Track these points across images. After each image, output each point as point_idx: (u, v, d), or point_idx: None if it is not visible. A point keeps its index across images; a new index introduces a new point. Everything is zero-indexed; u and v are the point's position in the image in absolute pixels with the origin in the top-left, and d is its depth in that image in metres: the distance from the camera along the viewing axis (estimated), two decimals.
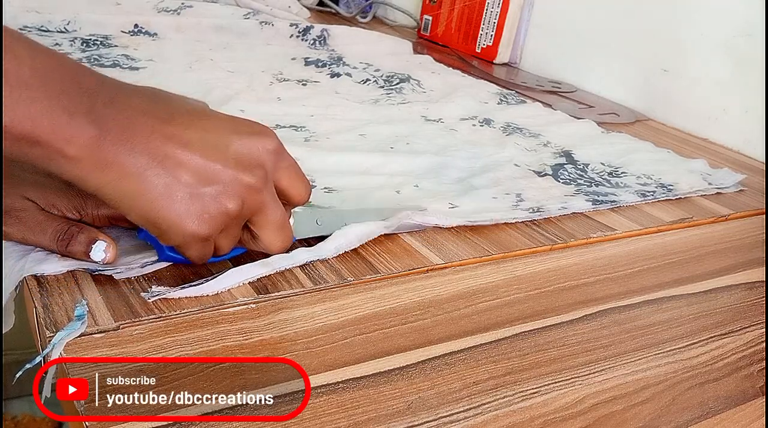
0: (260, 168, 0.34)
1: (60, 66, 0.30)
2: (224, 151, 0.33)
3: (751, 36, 0.75)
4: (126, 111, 0.31)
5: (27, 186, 0.37)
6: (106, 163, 0.31)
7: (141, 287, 0.36)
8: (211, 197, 0.33)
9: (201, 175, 0.33)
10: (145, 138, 0.31)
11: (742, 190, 0.63)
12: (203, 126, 0.33)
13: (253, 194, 0.34)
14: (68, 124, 0.29)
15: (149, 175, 0.31)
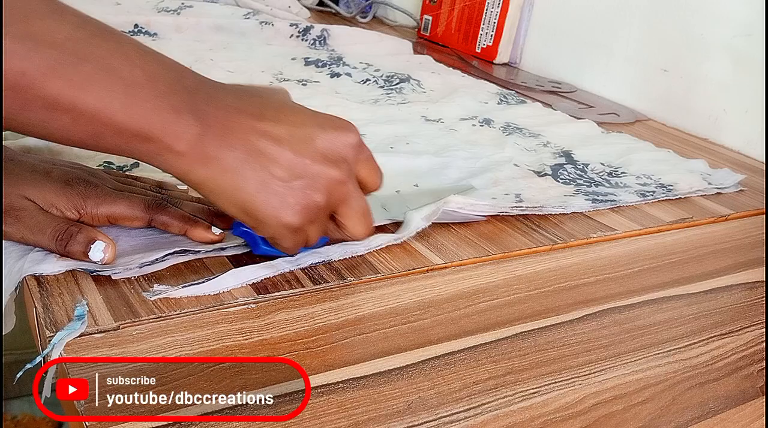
0: (344, 161, 0.36)
1: (165, 67, 0.32)
2: (312, 146, 0.35)
3: (751, 36, 0.75)
4: (223, 109, 0.34)
5: (26, 185, 0.37)
6: (208, 158, 0.33)
7: (141, 287, 0.36)
8: (301, 190, 0.35)
9: (292, 169, 0.35)
10: (242, 134, 0.34)
11: (742, 190, 0.63)
12: (291, 121, 0.35)
13: (338, 186, 0.36)
14: (176, 121, 0.31)
15: (246, 169, 0.34)
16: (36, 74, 0.28)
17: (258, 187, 0.34)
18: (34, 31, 0.28)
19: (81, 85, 0.29)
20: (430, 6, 1.13)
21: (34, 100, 0.29)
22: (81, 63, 0.29)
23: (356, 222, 0.39)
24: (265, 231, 0.36)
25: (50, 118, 0.29)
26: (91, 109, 0.29)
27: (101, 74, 0.30)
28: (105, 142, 0.31)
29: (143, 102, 0.31)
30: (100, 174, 0.41)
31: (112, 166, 0.49)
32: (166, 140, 0.31)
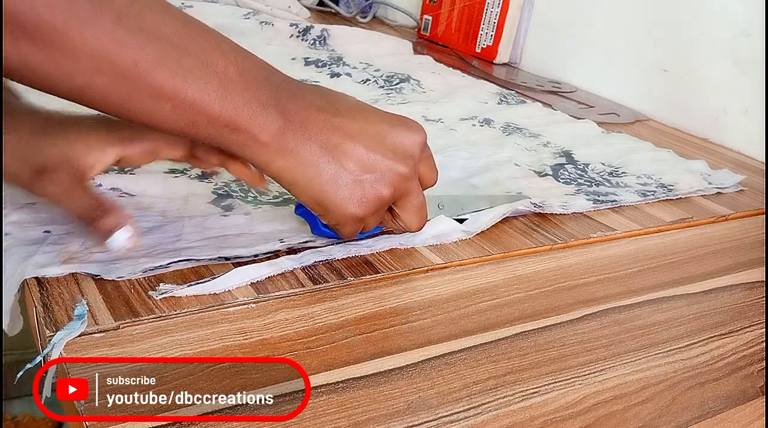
0: (411, 158, 0.39)
1: (255, 64, 0.35)
2: (382, 143, 0.38)
3: (751, 36, 0.75)
4: (304, 105, 0.36)
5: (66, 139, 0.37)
6: (288, 150, 0.35)
7: (141, 287, 0.36)
8: (369, 183, 0.37)
9: (363, 164, 0.37)
10: (319, 129, 0.36)
11: (742, 190, 0.63)
12: (364, 118, 0.38)
13: (403, 181, 0.39)
14: (262, 114, 0.34)
15: (321, 162, 0.36)
16: (146, 65, 0.30)
17: (330, 179, 0.36)
18: (147, 24, 0.30)
19: (183, 77, 0.32)
20: (430, 6, 1.13)
21: (141, 89, 0.31)
22: (184, 56, 0.32)
23: (413, 216, 0.41)
24: (330, 219, 0.38)
25: (153, 106, 0.32)
26: (190, 99, 0.32)
27: (200, 67, 0.32)
28: (199, 130, 0.33)
29: (234, 95, 0.33)
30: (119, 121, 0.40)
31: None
32: (252, 131, 0.34)
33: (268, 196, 0.48)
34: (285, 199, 0.48)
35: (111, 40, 0.29)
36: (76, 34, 0.28)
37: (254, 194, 0.48)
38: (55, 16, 0.28)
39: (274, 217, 0.44)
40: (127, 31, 0.30)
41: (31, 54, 0.28)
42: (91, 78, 0.30)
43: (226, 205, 0.45)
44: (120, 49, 0.29)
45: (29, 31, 0.28)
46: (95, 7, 0.29)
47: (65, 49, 0.29)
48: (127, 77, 0.30)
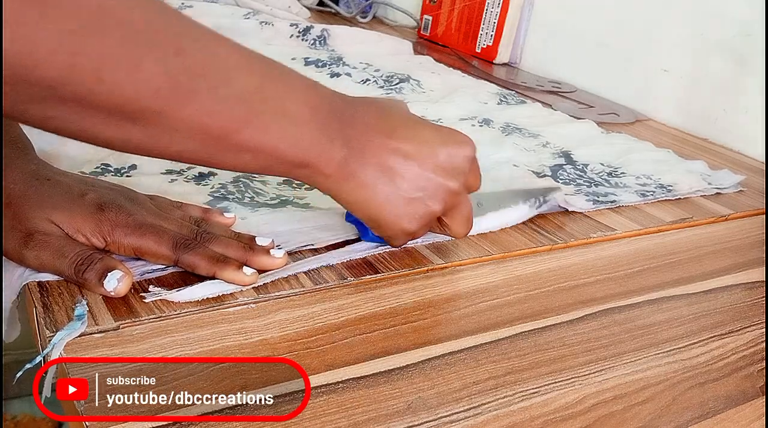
0: (461, 174, 0.40)
1: (321, 97, 0.37)
2: (434, 161, 0.39)
3: (751, 36, 0.75)
4: (363, 130, 0.38)
5: (54, 209, 0.36)
6: (348, 175, 0.37)
7: (142, 287, 0.36)
8: (421, 201, 0.39)
9: (416, 183, 0.39)
10: (376, 152, 0.38)
11: (742, 190, 0.63)
12: (418, 138, 0.39)
13: (453, 196, 0.40)
14: (329, 149, 0.36)
15: (378, 183, 0.38)
16: (233, 127, 0.33)
17: (385, 199, 0.38)
18: (234, 90, 0.32)
19: (263, 130, 0.34)
20: (430, 6, 1.13)
21: (227, 147, 0.33)
22: (263, 112, 0.34)
23: (461, 225, 0.43)
24: (383, 233, 0.41)
25: (235, 158, 0.34)
26: (268, 148, 0.34)
27: (278, 118, 0.34)
28: (271, 170, 0.36)
29: (307, 136, 0.35)
30: (139, 199, 0.39)
31: (110, 167, 0.49)
32: (320, 166, 0.36)
33: (266, 197, 0.48)
34: (282, 200, 0.48)
35: (205, 112, 0.31)
36: (176, 114, 0.30)
37: (251, 195, 0.48)
38: (159, 101, 0.30)
39: (271, 220, 0.44)
40: (218, 101, 0.32)
41: (133, 133, 0.30)
42: (184, 145, 0.32)
43: (222, 207, 0.45)
44: (211, 118, 0.32)
45: (133, 115, 0.29)
46: (192, 84, 0.30)
47: (165, 126, 0.31)
48: (216, 139, 0.32)
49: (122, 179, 0.47)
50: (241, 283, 0.37)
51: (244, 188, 0.48)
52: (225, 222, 0.42)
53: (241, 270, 0.37)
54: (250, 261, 0.38)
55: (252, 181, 0.50)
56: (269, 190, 0.49)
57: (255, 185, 0.49)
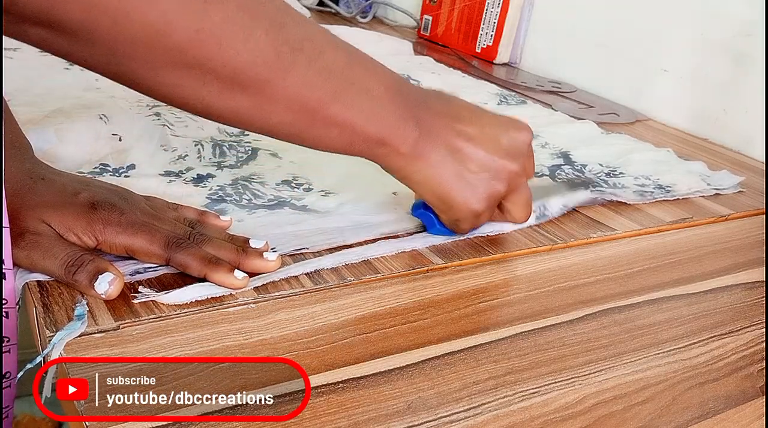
0: (521, 156, 0.43)
1: (396, 80, 0.39)
2: (497, 144, 0.42)
3: (751, 36, 0.75)
4: (431, 114, 0.41)
5: (46, 208, 0.36)
6: (419, 155, 0.40)
7: (134, 289, 0.36)
8: (487, 181, 0.42)
9: (481, 164, 0.41)
10: (444, 135, 0.41)
11: (742, 190, 0.63)
12: (481, 122, 0.42)
13: (515, 178, 0.43)
14: (404, 128, 0.39)
15: (447, 164, 0.41)
16: (326, 100, 0.35)
17: (454, 179, 0.41)
18: (326, 63, 0.35)
19: (350, 106, 0.37)
20: (430, 6, 1.13)
21: (318, 120, 0.36)
22: (350, 87, 0.36)
23: (521, 209, 0.45)
24: (453, 215, 0.43)
25: (324, 133, 0.37)
26: (352, 123, 0.37)
27: (361, 95, 0.37)
28: (354, 147, 0.38)
29: (385, 115, 0.38)
30: (133, 199, 0.39)
31: (108, 167, 0.49)
32: (396, 144, 0.39)
33: (263, 198, 0.48)
34: (280, 201, 0.48)
35: (303, 83, 0.34)
36: (280, 82, 0.34)
37: (249, 197, 0.48)
38: (266, 69, 0.33)
39: (268, 223, 0.44)
40: (315, 73, 0.35)
41: (242, 102, 0.33)
42: (283, 116, 0.35)
43: (219, 210, 0.45)
44: (309, 89, 0.35)
45: (244, 84, 0.33)
46: (293, 55, 0.33)
47: (269, 95, 0.34)
48: (310, 112, 0.35)
49: (120, 179, 0.47)
50: (231, 287, 0.36)
51: (242, 190, 0.48)
52: (221, 225, 0.42)
53: (233, 273, 0.36)
54: (243, 264, 0.38)
55: (250, 183, 0.50)
56: (267, 191, 0.49)
57: (253, 187, 0.49)
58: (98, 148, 0.51)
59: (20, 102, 0.57)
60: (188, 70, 0.31)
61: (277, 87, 0.34)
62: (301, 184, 0.51)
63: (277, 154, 0.56)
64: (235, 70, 0.32)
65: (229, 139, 0.57)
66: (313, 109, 0.35)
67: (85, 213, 0.36)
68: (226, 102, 0.33)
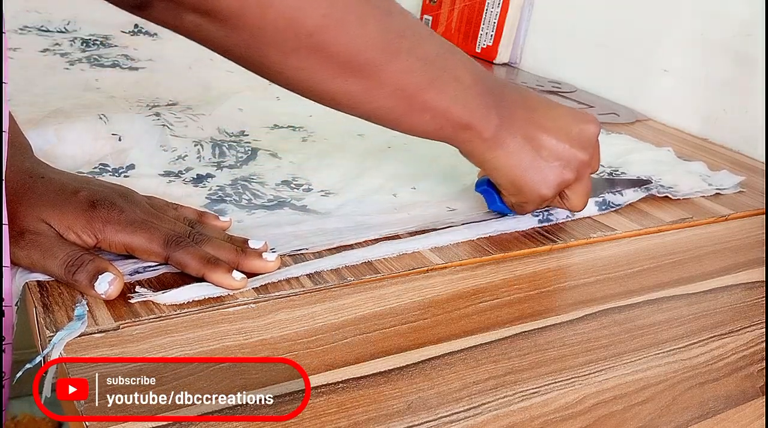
0: (590, 147, 0.46)
1: (479, 71, 0.42)
2: (569, 134, 0.45)
3: (751, 36, 0.75)
4: (510, 104, 0.43)
5: (46, 206, 0.36)
6: (499, 143, 0.43)
7: (150, 287, 0.36)
8: (558, 168, 0.45)
9: (554, 152, 0.44)
10: (521, 124, 0.43)
11: (742, 190, 0.63)
12: (554, 115, 0.45)
13: (583, 168, 0.46)
14: (487, 116, 0.42)
15: (522, 152, 0.43)
16: (423, 86, 0.38)
17: (528, 165, 0.44)
18: (423, 52, 0.38)
19: (443, 93, 0.40)
20: (430, 6, 1.13)
21: (415, 106, 0.39)
22: (444, 75, 0.39)
23: (581, 197, 0.48)
24: (521, 198, 0.45)
25: (419, 118, 0.40)
26: (445, 109, 0.40)
27: (453, 83, 0.40)
28: (442, 132, 0.41)
29: (473, 102, 0.41)
30: (133, 197, 0.39)
31: (108, 167, 0.49)
32: (480, 130, 0.42)
33: (263, 199, 0.48)
34: (279, 202, 0.48)
35: (405, 69, 0.37)
36: (387, 66, 0.37)
37: (249, 197, 0.48)
38: (377, 53, 0.36)
39: (267, 223, 0.44)
40: (415, 60, 0.38)
41: (354, 85, 0.36)
42: (385, 100, 0.38)
43: (219, 210, 0.45)
44: (409, 75, 0.38)
45: (358, 68, 0.36)
46: (398, 42, 0.37)
47: (378, 79, 0.37)
48: (409, 97, 0.38)
49: (120, 179, 0.47)
50: (229, 287, 0.36)
51: (242, 190, 0.48)
52: (220, 226, 0.42)
53: (231, 273, 0.36)
54: (242, 264, 0.38)
55: (250, 183, 0.50)
56: (267, 191, 0.49)
57: (253, 187, 0.49)
58: (98, 148, 0.51)
59: (20, 102, 0.57)
60: (312, 53, 0.34)
61: (384, 71, 0.37)
62: (301, 185, 0.51)
63: (276, 154, 0.56)
64: (352, 53, 0.35)
65: (228, 140, 0.57)
66: (411, 94, 0.38)
67: (84, 211, 0.36)
68: (340, 85, 0.36)
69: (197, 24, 0.32)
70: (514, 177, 0.44)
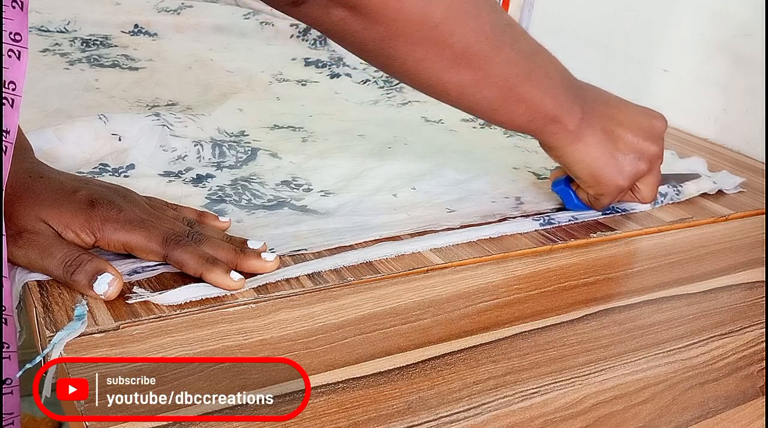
0: (660, 140, 0.49)
1: (564, 70, 0.46)
2: (641, 128, 0.48)
3: (751, 36, 0.75)
4: (589, 100, 0.47)
5: (45, 206, 0.36)
6: (581, 135, 0.46)
7: (142, 288, 0.36)
8: (634, 161, 0.48)
9: (630, 145, 0.48)
10: (599, 119, 0.47)
11: (742, 190, 0.63)
12: (627, 110, 0.49)
13: (655, 160, 0.49)
14: (572, 109, 0.45)
15: (601, 145, 0.47)
16: (522, 78, 0.42)
17: (607, 157, 0.47)
18: (522, 47, 0.42)
19: (537, 86, 0.43)
20: None
21: (513, 97, 0.42)
22: (537, 69, 0.43)
23: (651, 189, 0.51)
24: (599, 190, 0.48)
25: (515, 109, 0.43)
26: (538, 101, 0.43)
27: (544, 76, 0.43)
28: (532, 124, 0.45)
29: (561, 96, 0.45)
30: (132, 197, 0.39)
31: (108, 167, 0.49)
32: (566, 122, 0.45)
33: (263, 199, 0.48)
34: (279, 202, 0.48)
35: (508, 61, 0.41)
36: (494, 58, 0.40)
37: (248, 198, 0.48)
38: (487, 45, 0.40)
39: (267, 223, 0.44)
40: (515, 53, 0.41)
41: (465, 76, 0.40)
42: (489, 91, 0.42)
43: (218, 210, 0.45)
44: (510, 67, 0.41)
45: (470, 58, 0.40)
46: (503, 35, 0.41)
47: (486, 69, 0.40)
48: (509, 88, 0.42)
49: (120, 179, 0.47)
50: (227, 288, 0.36)
51: (242, 190, 0.48)
52: (219, 226, 0.42)
53: (229, 274, 0.36)
54: (240, 264, 0.38)
55: (250, 183, 0.50)
56: (266, 191, 0.49)
57: (253, 187, 0.49)
58: (98, 148, 0.51)
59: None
60: (435, 44, 0.38)
61: (492, 62, 0.40)
62: (301, 185, 0.51)
63: (276, 154, 0.56)
64: (467, 44, 0.39)
65: (228, 140, 0.57)
66: (512, 85, 0.42)
67: (83, 210, 0.36)
68: (453, 76, 0.40)
69: (342, 18, 0.37)
70: (593, 169, 0.47)
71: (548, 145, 0.47)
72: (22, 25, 0.31)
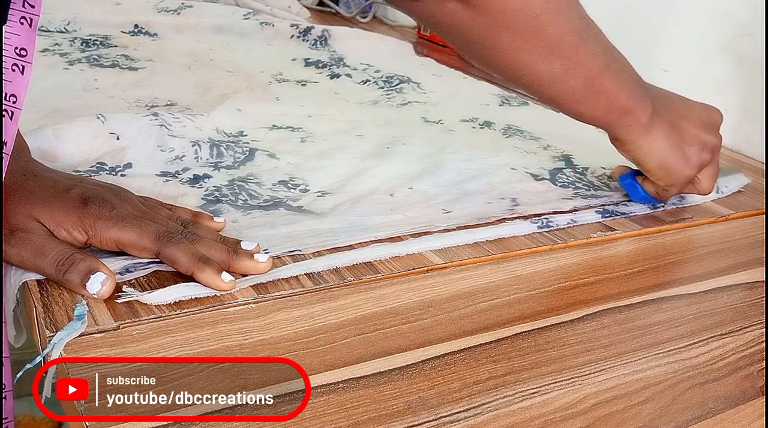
0: (718, 133, 0.52)
1: (632, 67, 0.48)
2: (702, 121, 0.51)
3: (751, 36, 0.75)
4: (655, 96, 0.49)
5: (37, 204, 0.36)
6: (651, 128, 0.49)
7: (141, 288, 0.36)
8: (699, 152, 0.51)
9: (694, 137, 0.51)
10: (666, 113, 0.50)
11: (742, 191, 0.63)
12: (688, 104, 0.52)
13: (716, 150, 0.52)
14: (644, 103, 0.48)
15: (669, 137, 0.49)
16: (603, 70, 0.45)
17: (674, 149, 0.50)
18: (601, 41, 0.46)
19: (614, 77, 0.46)
20: None
21: (595, 88, 0.45)
22: (615, 63, 0.46)
23: (711, 180, 0.53)
24: (668, 181, 0.51)
25: (596, 101, 0.46)
26: (616, 93, 0.46)
27: (619, 71, 0.46)
28: (608, 115, 0.47)
29: (635, 89, 0.48)
30: (126, 195, 0.39)
31: (105, 166, 0.49)
32: (639, 115, 0.48)
33: (259, 199, 0.48)
34: (275, 202, 0.48)
35: (592, 53, 0.45)
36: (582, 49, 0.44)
37: (245, 198, 0.48)
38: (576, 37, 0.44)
39: (262, 224, 0.44)
40: (597, 46, 0.45)
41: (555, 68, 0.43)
42: (575, 81, 0.45)
43: (214, 210, 0.45)
44: (594, 59, 0.45)
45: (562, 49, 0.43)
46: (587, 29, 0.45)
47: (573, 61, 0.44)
48: (591, 79, 0.45)
49: (117, 178, 0.47)
50: (217, 288, 0.36)
51: (238, 190, 0.48)
52: (214, 227, 0.42)
53: (220, 274, 0.36)
54: (233, 264, 0.38)
55: (247, 184, 0.50)
56: (263, 191, 0.49)
57: (249, 187, 0.49)
58: (96, 147, 0.51)
59: None
60: (533, 34, 0.41)
61: (579, 53, 0.43)
62: (298, 185, 0.51)
63: (274, 154, 0.56)
64: (560, 34, 0.42)
65: (226, 140, 0.57)
66: (594, 76, 0.45)
67: (76, 208, 0.36)
68: (546, 65, 0.43)
69: (454, 11, 0.40)
70: (662, 160, 0.49)
71: (621, 138, 0.49)
72: (29, 41, 0.32)
